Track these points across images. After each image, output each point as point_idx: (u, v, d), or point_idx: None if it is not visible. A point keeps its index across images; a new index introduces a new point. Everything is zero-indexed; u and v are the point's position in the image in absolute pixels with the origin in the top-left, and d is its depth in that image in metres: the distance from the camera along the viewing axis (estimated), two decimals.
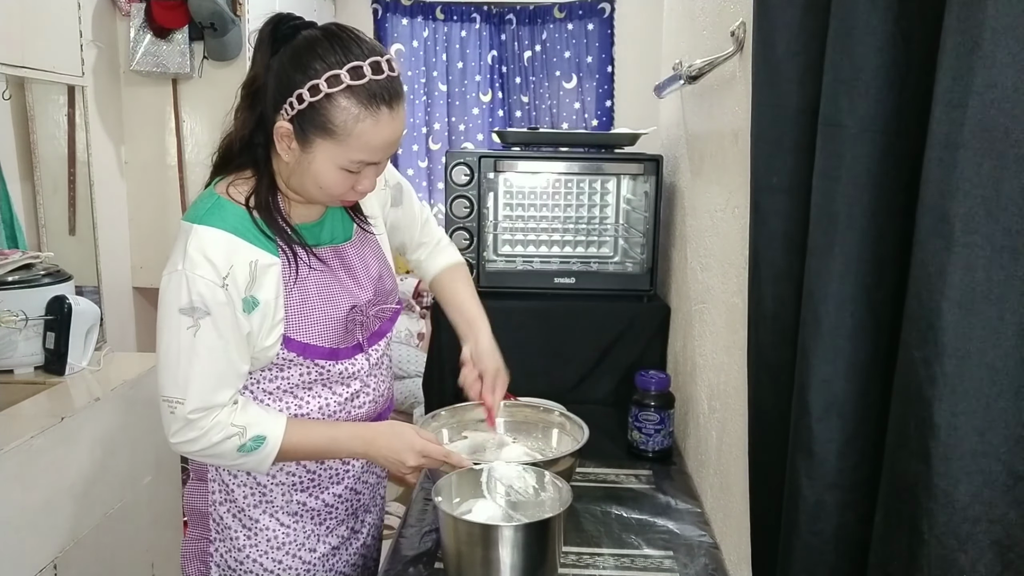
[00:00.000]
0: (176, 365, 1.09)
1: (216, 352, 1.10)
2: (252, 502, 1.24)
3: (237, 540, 1.24)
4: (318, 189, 1.13)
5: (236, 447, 1.12)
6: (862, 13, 0.68)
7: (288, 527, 1.25)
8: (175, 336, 1.09)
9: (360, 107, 1.05)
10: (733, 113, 1.36)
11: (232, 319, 1.09)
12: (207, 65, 2.68)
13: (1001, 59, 0.53)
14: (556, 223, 2.13)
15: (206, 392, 1.10)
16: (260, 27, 1.11)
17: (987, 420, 0.56)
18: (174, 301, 1.08)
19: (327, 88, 1.04)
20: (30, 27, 1.98)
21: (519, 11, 3.49)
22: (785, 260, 0.85)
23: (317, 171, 1.10)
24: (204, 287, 1.07)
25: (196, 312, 1.07)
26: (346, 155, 1.08)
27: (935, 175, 0.57)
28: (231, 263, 1.09)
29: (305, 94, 1.05)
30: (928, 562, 0.58)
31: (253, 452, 1.13)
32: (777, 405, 0.86)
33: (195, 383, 1.09)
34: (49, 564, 1.60)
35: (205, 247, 1.08)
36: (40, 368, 1.95)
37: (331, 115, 1.05)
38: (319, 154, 1.08)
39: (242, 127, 1.13)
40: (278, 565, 1.25)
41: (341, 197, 1.16)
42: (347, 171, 1.10)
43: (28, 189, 2.29)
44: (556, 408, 1.53)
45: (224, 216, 1.11)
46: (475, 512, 1.19)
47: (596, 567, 1.26)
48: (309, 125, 1.06)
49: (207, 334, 1.08)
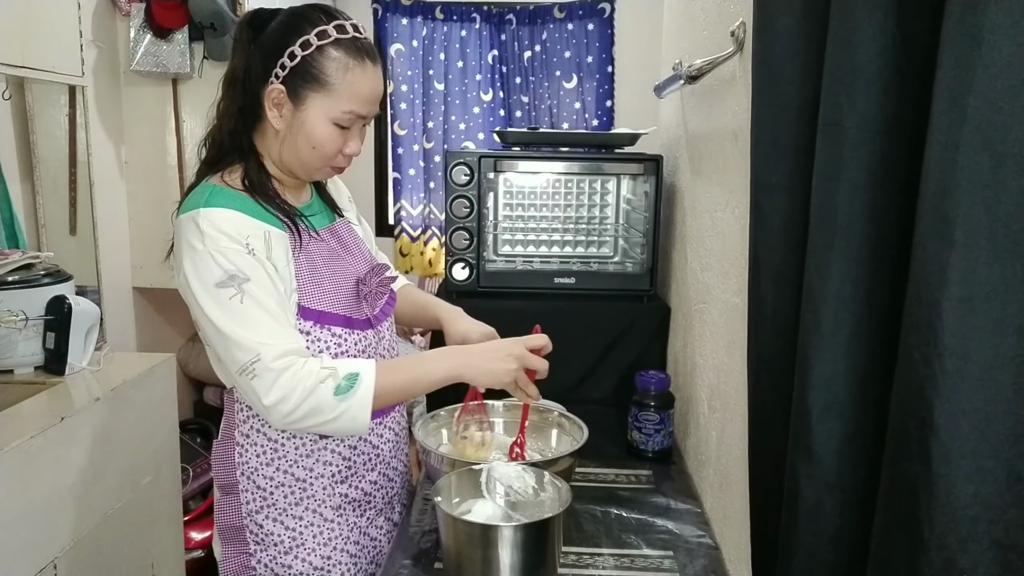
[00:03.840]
0: (236, 335, 1.06)
1: (270, 306, 1.08)
2: (293, 500, 1.23)
3: (282, 544, 1.23)
4: (311, 150, 1.16)
5: (332, 391, 1.07)
6: (862, 13, 0.68)
7: (332, 521, 1.26)
8: (222, 312, 1.07)
9: (348, 57, 1.13)
10: (733, 113, 1.36)
11: (268, 279, 1.10)
12: (207, 65, 2.68)
13: (1001, 59, 0.53)
14: (556, 223, 2.13)
15: (279, 340, 1.07)
16: (234, 29, 1.19)
17: (987, 420, 0.56)
18: (208, 280, 1.07)
19: (317, 41, 1.12)
20: (30, 27, 1.98)
21: (519, 11, 3.49)
22: (785, 260, 0.85)
23: (311, 128, 1.15)
24: (234, 255, 1.08)
25: (235, 279, 1.07)
26: (338, 106, 1.14)
27: (935, 175, 0.57)
28: (246, 234, 1.11)
29: (296, 50, 1.12)
30: (928, 562, 0.58)
31: (350, 393, 1.08)
32: (777, 405, 0.86)
33: (265, 336, 1.06)
34: (49, 564, 1.60)
35: (218, 224, 1.09)
36: (40, 368, 1.95)
37: (323, 66, 1.13)
38: (312, 109, 1.14)
39: (226, 116, 1.18)
40: (327, 561, 1.25)
41: (331, 161, 1.19)
42: (338, 126, 1.16)
43: (28, 189, 2.29)
44: (556, 408, 1.53)
45: (226, 199, 1.14)
46: (475, 512, 1.19)
47: (596, 567, 1.26)
48: (301, 80, 1.13)
49: (254, 294, 1.07)
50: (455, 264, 1.98)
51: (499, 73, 3.56)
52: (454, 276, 1.99)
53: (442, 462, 1.30)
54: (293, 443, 1.23)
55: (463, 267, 1.98)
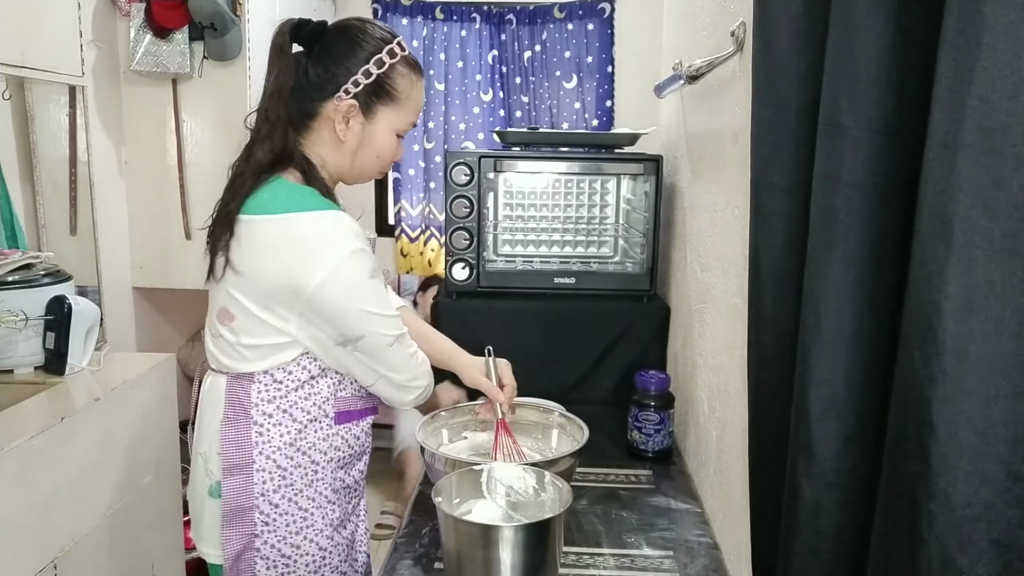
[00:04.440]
0: (388, 312, 1.21)
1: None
2: (307, 481, 1.26)
3: (293, 524, 1.25)
4: (375, 160, 1.26)
5: (423, 358, 1.30)
6: (862, 13, 0.68)
7: (334, 504, 1.28)
8: (375, 296, 1.19)
9: (413, 73, 1.24)
10: (733, 113, 1.36)
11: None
12: (207, 65, 2.67)
13: (1001, 59, 0.53)
14: (556, 223, 2.13)
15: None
16: (273, 37, 1.20)
17: (987, 420, 0.56)
18: (365, 273, 1.17)
19: (389, 59, 1.20)
20: (30, 27, 1.98)
21: (519, 11, 3.48)
22: (785, 260, 0.85)
23: (379, 140, 1.24)
24: (369, 253, 1.20)
25: (379, 271, 1.21)
26: (405, 118, 1.25)
27: (935, 175, 0.57)
28: (362, 232, 1.21)
29: (372, 68, 1.19)
30: (927, 562, 0.58)
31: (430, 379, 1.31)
32: (777, 405, 0.86)
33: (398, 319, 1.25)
34: (49, 564, 1.60)
35: (348, 224, 1.17)
36: (40, 368, 1.94)
37: (396, 83, 1.22)
38: (382, 122, 1.23)
39: (279, 124, 1.20)
40: (330, 542, 1.27)
41: (386, 167, 1.31)
42: (398, 136, 1.27)
43: (28, 189, 2.29)
44: (556, 408, 1.53)
45: (320, 201, 1.19)
46: (475, 512, 1.19)
47: (596, 567, 1.26)
48: (375, 96, 1.21)
49: (384, 284, 1.24)
50: (455, 264, 1.98)
51: (499, 73, 3.56)
52: (454, 276, 1.99)
53: (444, 463, 1.30)
54: (314, 427, 1.24)
55: (463, 267, 1.98)
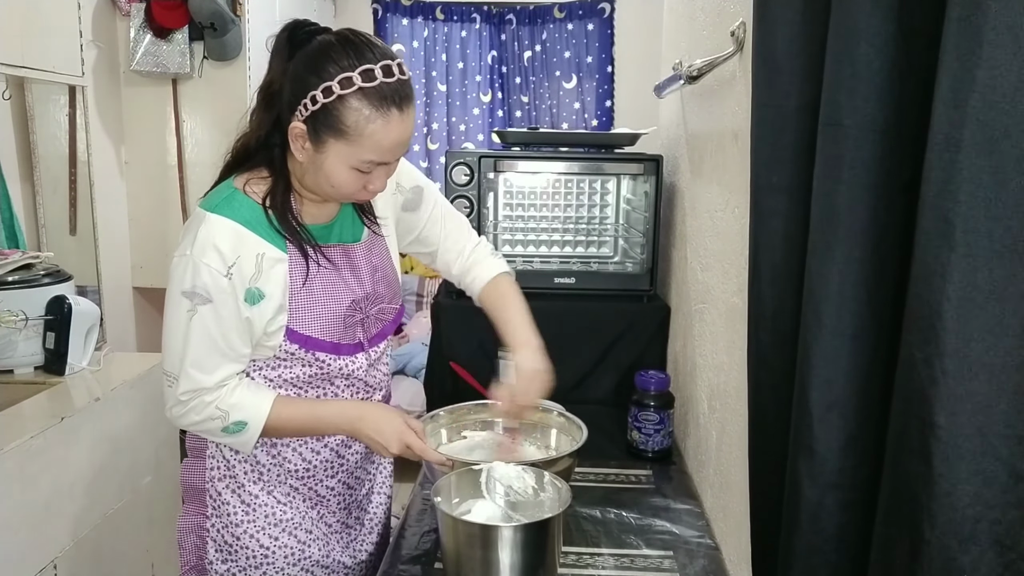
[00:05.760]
0: (174, 343, 1.15)
1: (213, 337, 1.14)
2: (252, 478, 1.27)
3: (235, 516, 1.27)
4: (331, 188, 1.16)
5: (220, 428, 1.18)
6: (862, 13, 0.68)
7: (285, 505, 1.29)
8: (176, 315, 1.15)
9: (371, 108, 1.08)
10: (733, 113, 1.36)
11: (234, 306, 1.14)
12: (207, 65, 2.68)
13: (1001, 59, 0.53)
14: (556, 223, 2.13)
15: (196, 375, 1.15)
16: (276, 33, 1.15)
17: (987, 420, 0.56)
18: (179, 283, 1.13)
19: (339, 90, 1.07)
20: (30, 27, 1.98)
21: (519, 11, 3.49)
22: (785, 260, 0.85)
23: (329, 170, 1.13)
24: (208, 275, 1.11)
25: (196, 298, 1.12)
26: (357, 155, 1.11)
27: (935, 175, 0.57)
28: (238, 254, 1.13)
29: (319, 95, 1.07)
30: (929, 562, 0.58)
31: (236, 434, 1.19)
32: (777, 405, 0.86)
33: (187, 366, 1.15)
34: (49, 564, 1.60)
35: (214, 236, 1.11)
36: (40, 368, 1.95)
37: (343, 116, 1.08)
38: (331, 154, 1.11)
39: (259, 128, 1.17)
40: (274, 542, 1.28)
41: (353, 196, 1.19)
42: (358, 171, 1.13)
43: (28, 189, 2.29)
44: (555, 408, 1.53)
45: (237, 208, 1.15)
46: (474, 512, 1.19)
47: (596, 567, 1.26)
48: (322, 126, 1.09)
49: (204, 320, 1.13)
50: None
51: (499, 73, 3.56)
52: None
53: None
54: None
55: None
